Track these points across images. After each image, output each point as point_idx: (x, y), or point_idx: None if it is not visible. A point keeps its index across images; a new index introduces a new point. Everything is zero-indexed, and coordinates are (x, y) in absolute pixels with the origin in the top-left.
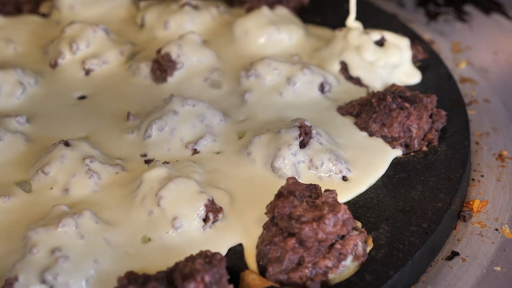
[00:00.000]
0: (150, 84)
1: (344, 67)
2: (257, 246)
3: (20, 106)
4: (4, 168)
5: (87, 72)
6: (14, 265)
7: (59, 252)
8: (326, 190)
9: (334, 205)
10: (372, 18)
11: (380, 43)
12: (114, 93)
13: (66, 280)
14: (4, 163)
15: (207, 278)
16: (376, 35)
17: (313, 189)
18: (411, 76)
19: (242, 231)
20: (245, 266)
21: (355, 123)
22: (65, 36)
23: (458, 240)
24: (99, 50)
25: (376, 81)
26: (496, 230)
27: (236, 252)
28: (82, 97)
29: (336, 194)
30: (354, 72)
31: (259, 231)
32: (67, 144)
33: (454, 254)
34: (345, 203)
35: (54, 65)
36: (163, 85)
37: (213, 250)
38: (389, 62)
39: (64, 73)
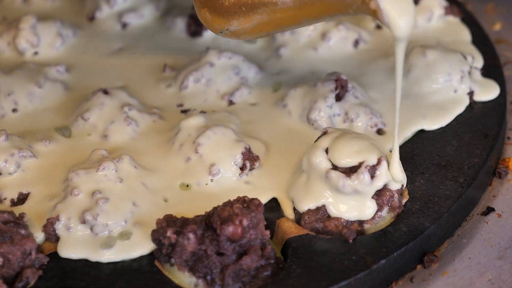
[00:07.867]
0: (185, 38)
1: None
2: None
3: (59, 56)
4: (44, 114)
5: (124, 25)
6: (55, 206)
7: (99, 194)
8: None
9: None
10: None
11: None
12: (150, 45)
13: (106, 221)
14: (44, 109)
15: (245, 222)
16: None
17: None
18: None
19: (278, 180)
20: (281, 214)
21: None
22: None
23: (494, 196)
24: (135, 4)
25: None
26: None
27: (272, 199)
28: (119, 49)
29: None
30: None
31: None
32: (106, 92)
33: (490, 209)
34: None
35: (91, 18)
36: (198, 40)
37: (250, 197)
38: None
39: (101, 26)
